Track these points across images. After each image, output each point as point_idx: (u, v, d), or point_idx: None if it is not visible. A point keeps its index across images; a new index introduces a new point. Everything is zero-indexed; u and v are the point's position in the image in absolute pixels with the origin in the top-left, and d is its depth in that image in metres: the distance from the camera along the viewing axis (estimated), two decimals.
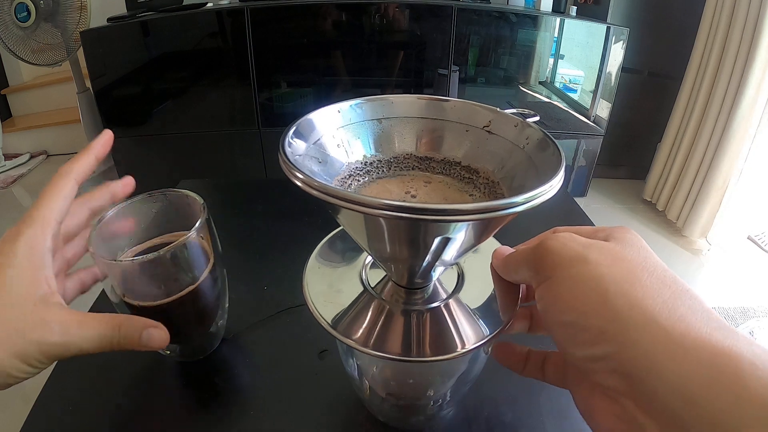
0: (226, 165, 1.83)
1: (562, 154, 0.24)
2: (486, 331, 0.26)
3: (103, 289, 0.43)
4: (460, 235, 0.22)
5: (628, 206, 1.88)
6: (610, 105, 1.74)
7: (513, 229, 0.65)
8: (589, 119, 1.79)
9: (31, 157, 2.27)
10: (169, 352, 0.40)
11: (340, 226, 0.31)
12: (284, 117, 1.71)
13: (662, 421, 0.17)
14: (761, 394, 0.15)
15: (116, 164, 1.81)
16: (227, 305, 0.41)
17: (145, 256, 0.31)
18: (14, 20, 1.59)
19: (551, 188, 0.21)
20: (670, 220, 1.71)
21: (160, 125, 1.75)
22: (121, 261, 0.34)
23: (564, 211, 0.67)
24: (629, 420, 0.19)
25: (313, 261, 0.31)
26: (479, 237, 0.24)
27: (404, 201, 0.22)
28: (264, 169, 1.82)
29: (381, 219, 0.21)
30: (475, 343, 0.25)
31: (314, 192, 0.21)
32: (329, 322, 0.26)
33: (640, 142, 1.98)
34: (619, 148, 1.97)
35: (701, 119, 1.58)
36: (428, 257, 0.23)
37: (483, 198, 0.27)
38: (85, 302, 0.46)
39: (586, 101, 1.80)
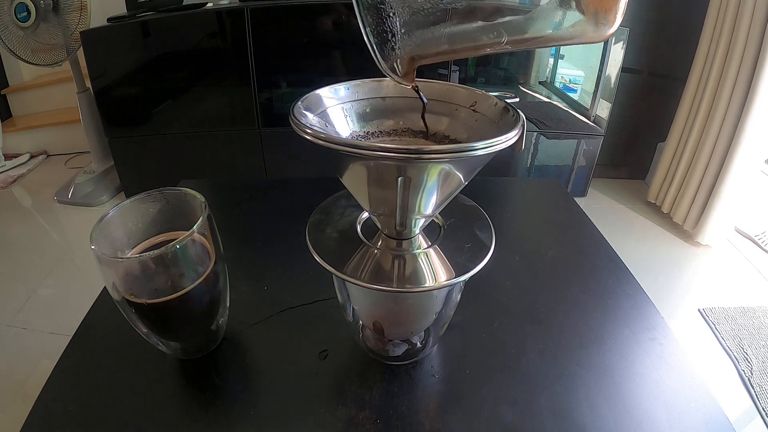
0: (226, 165, 1.83)
1: (521, 115, 0.28)
2: (454, 274, 0.32)
3: (105, 287, 0.44)
4: (432, 178, 0.27)
5: (630, 207, 1.88)
6: (610, 105, 1.74)
7: (514, 228, 0.65)
8: (589, 119, 1.79)
9: (31, 157, 2.26)
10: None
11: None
12: (284, 117, 1.69)
13: None
14: None
15: (116, 164, 1.81)
16: (228, 303, 0.41)
17: (149, 252, 0.31)
18: (14, 20, 1.59)
19: (507, 139, 0.25)
20: (676, 222, 1.70)
21: (160, 125, 1.74)
22: (124, 258, 0.34)
23: (564, 211, 0.67)
24: None
25: (315, 216, 0.36)
26: (450, 185, 0.29)
27: (390, 144, 0.29)
28: (264, 169, 1.82)
29: (372, 162, 0.26)
30: (444, 282, 0.31)
31: (320, 142, 0.25)
32: (330, 264, 0.32)
33: (641, 142, 1.98)
34: (619, 148, 1.97)
35: (707, 120, 1.56)
36: (409, 201, 0.29)
37: None
38: (87, 301, 0.46)
39: (586, 101, 1.79)
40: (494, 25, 0.25)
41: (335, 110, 0.33)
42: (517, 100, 1.80)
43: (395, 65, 0.28)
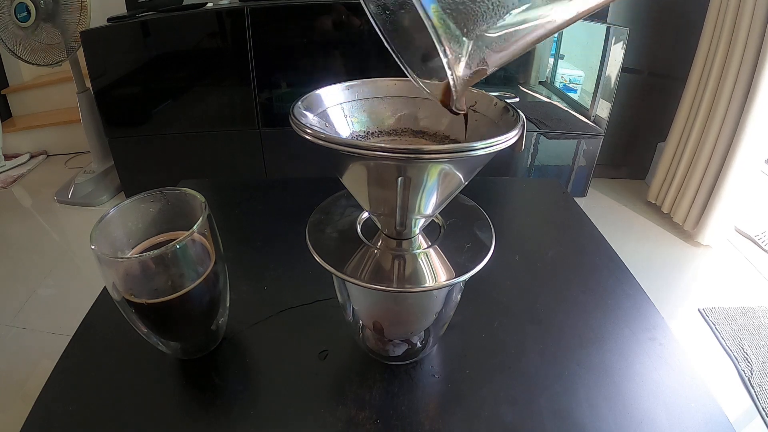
0: (226, 165, 1.83)
1: (521, 115, 0.28)
2: (454, 274, 0.32)
3: (105, 287, 0.44)
4: (432, 178, 0.27)
5: (630, 207, 1.88)
6: (610, 105, 1.74)
7: (514, 228, 0.65)
8: (589, 119, 1.79)
9: (31, 157, 2.26)
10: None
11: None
12: (284, 117, 1.69)
13: None
14: None
15: (116, 164, 1.81)
16: (228, 303, 0.41)
17: (149, 252, 0.31)
18: (14, 20, 1.59)
19: (507, 139, 0.25)
20: (676, 222, 1.70)
21: (160, 125, 1.74)
22: (124, 258, 0.34)
23: (564, 211, 0.67)
24: None
25: (315, 216, 0.36)
26: (450, 185, 0.29)
27: (390, 144, 0.28)
28: (264, 169, 1.82)
29: (372, 162, 0.26)
30: (444, 282, 0.31)
31: (320, 142, 0.25)
32: (330, 264, 0.32)
33: (641, 142, 1.98)
34: (619, 148, 1.97)
35: (707, 120, 1.56)
36: (409, 201, 0.28)
37: None
38: (87, 301, 0.46)
39: (586, 101, 1.79)
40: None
41: (335, 110, 0.33)
42: (517, 100, 1.80)
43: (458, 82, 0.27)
